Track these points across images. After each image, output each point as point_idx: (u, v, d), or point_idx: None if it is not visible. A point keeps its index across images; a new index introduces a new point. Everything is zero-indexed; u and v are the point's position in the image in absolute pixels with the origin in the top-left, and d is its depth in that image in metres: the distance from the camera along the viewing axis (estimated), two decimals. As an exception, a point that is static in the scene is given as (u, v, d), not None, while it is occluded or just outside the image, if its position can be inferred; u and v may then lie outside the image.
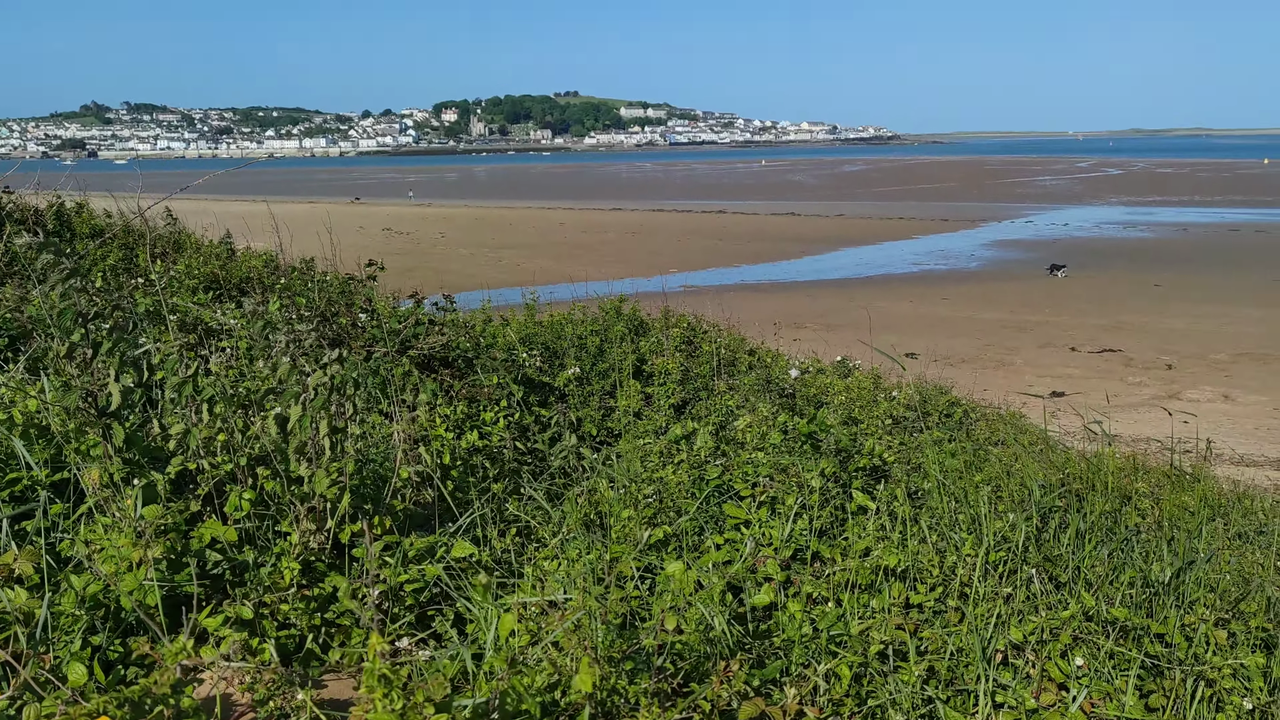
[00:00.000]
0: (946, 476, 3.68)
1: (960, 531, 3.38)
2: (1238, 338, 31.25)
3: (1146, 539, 3.57)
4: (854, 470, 3.95)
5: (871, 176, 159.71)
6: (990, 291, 42.28)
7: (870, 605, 3.06)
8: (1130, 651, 2.92)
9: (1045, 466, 4.94)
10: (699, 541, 3.54)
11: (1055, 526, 3.46)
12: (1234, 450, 19.89)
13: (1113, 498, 4.68)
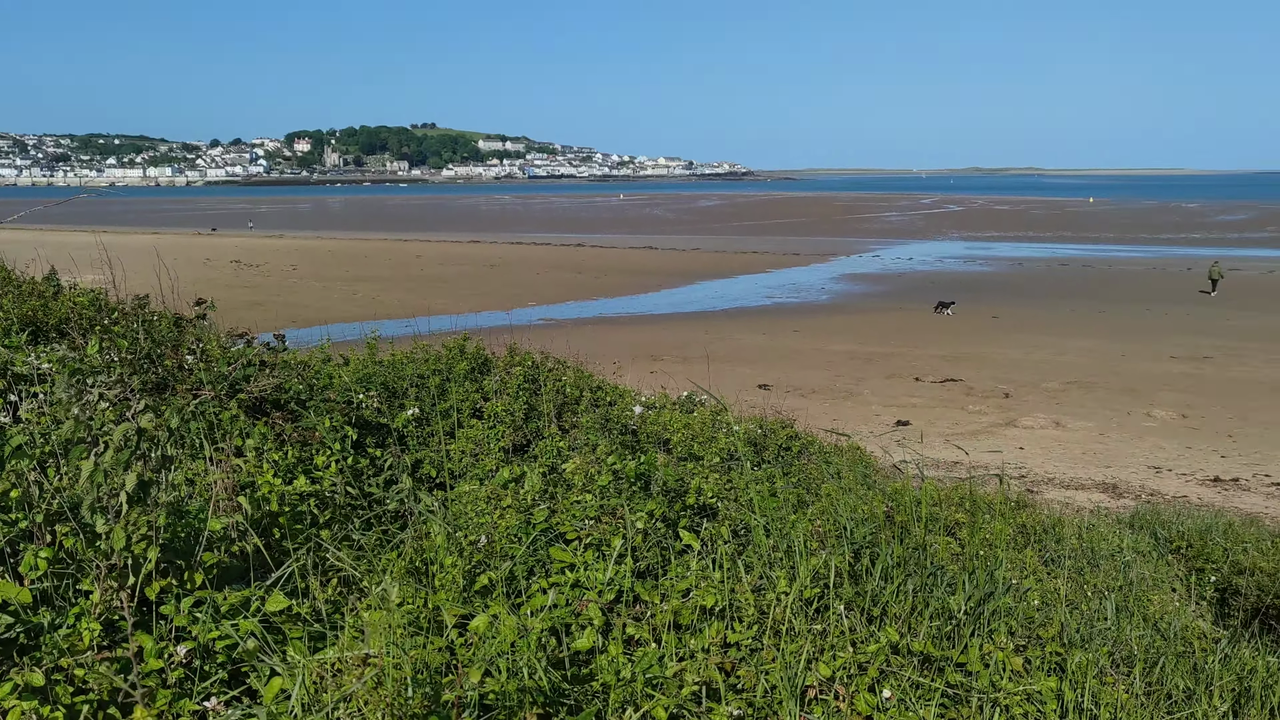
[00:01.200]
0: (768, 514, 3.76)
1: (778, 569, 3.46)
2: (1068, 367, 32.97)
3: (953, 570, 3.72)
4: (681, 509, 4.01)
5: (727, 211, 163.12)
6: (839, 324, 43.57)
7: (690, 645, 3.11)
8: (934, 682, 3.04)
9: (872, 499, 5.12)
10: (526, 586, 3.53)
11: (868, 561, 3.58)
12: (1064, 474, 20.93)
13: (936, 529, 4.86)
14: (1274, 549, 8.74)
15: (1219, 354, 35.25)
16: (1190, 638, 4.43)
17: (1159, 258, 77.24)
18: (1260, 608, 7.73)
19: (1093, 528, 7.95)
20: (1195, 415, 26.21)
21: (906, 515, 4.58)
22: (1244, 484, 20.11)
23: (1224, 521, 9.98)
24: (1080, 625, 3.76)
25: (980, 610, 3.41)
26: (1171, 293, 54.55)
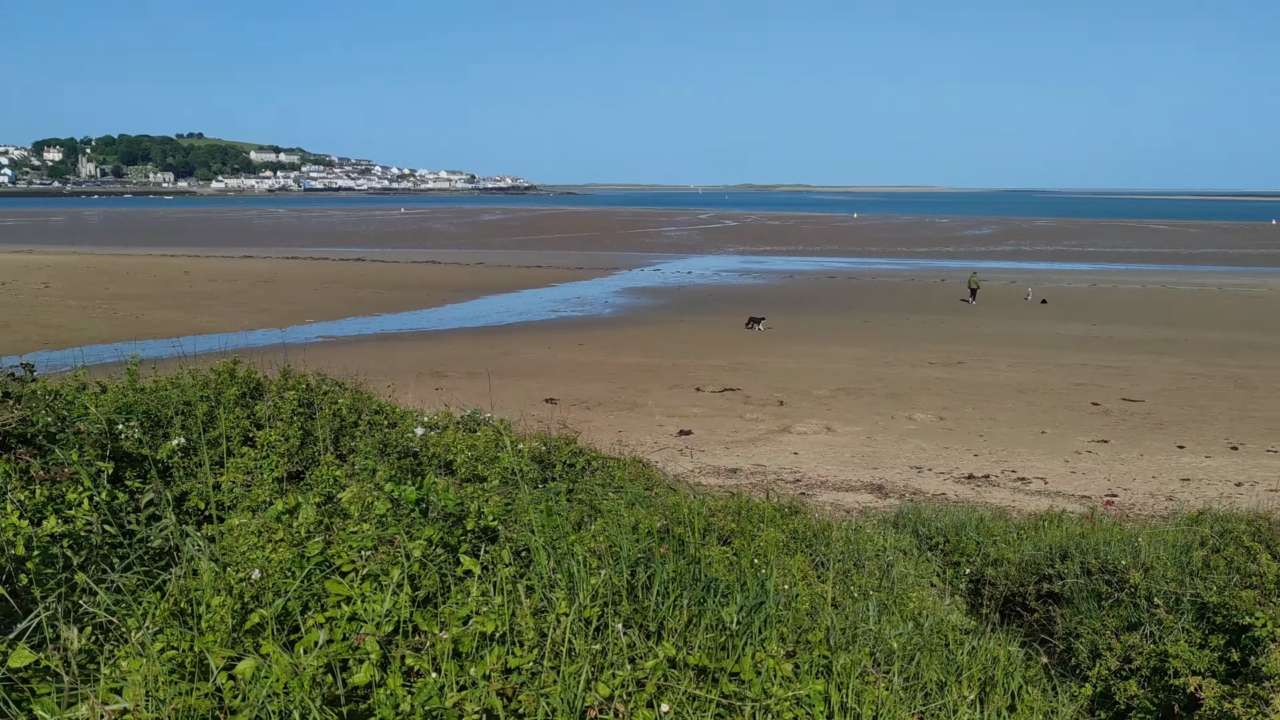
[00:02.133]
0: (548, 534, 3.79)
1: (558, 590, 3.50)
2: (837, 374, 34.68)
3: (728, 581, 3.87)
4: (462, 534, 3.99)
5: (511, 225, 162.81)
6: (623, 336, 44.25)
7: (470, 673, 3.09)
8: (709, 693, 3.16)
9: (652, 513, 5.24)
10: (301, 622, 3.41)
11: (645, 578, 3.67)
12: (835, 477, 21.99)
13: (711, 540, 5.03)
14: (1019, 541, 9.48)
15: (970, 359, 37.96)
16: (946, 631, 4.76)
17: (916, 270, 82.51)
18: (1009, 596, 8.38)
19: (859, 529, 8.42)
20: (951, 417, 28.09)
21: (684, 528, 4.72)
22: (994, 480, 21.71)
23: (976, 517, 10.76)
24: (846, 627, 3.98)
25: (752, 619, 3.56)
26: (928, 303, 58.37)
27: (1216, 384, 33.04)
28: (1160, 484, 21.44)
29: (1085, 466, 22.89)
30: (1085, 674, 5.95)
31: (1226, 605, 5.45)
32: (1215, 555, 6.62)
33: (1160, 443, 25.20)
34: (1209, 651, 5.27)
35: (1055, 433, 26.26)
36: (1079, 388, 32.38)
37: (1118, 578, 6.60)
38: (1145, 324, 48.64)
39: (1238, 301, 59.39)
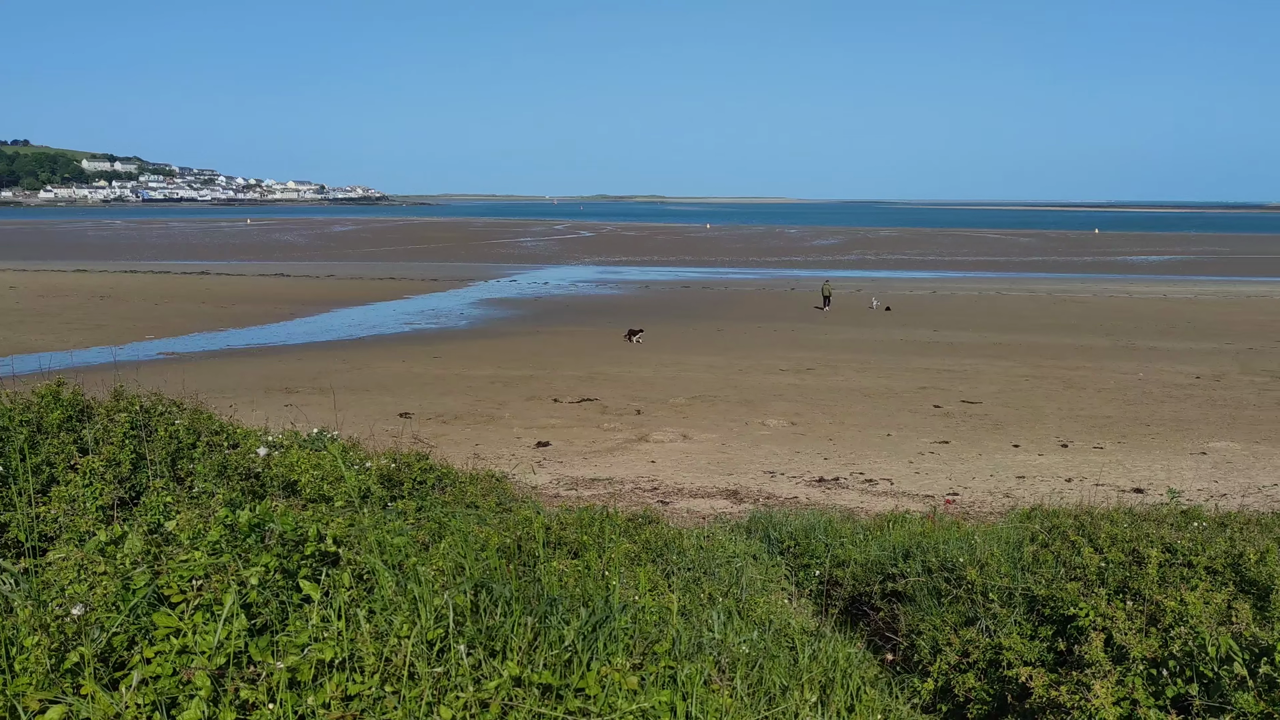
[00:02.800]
0: (392, 555, 3.71)
1: (400, 613, 3.43)
2: (693, 382, 35.14)
3: (577, 595, 3.87)
4: (302, 559, 3.86)
5: (363, 236, 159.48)
6: (479, 348, 43.86)
7: (309, 703, 2.99)
8: (554, 711, 3.14)
9: (502, 529, 5.20)
10: (126, 659, 3.25)
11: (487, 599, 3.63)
12: (692, 484, 22.25)
13: (562, 553, 5.03)
14: (865, 542, 9.78)
15: (820, 365, 39.01)
16: (792, 634, 4.86)
17: (768, 279, 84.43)
18: (855, 596, 8.62)
19: (711, 536, 8.55)
20: (802, 422, 28.78)
21: (534, 543, 4.69)
22: (843, 482, 22.33)
23: (825, 519, 11.04)
24: (692, 636, 4.03)
25: (597, 634, 3.56)
26: (780, 311, 59.80)
27: (1048, 385, 34.81)
28: (998, 482, 22.42)
29: (928, 467, 23.76)
30: (927, 669, 6.19)
31: (1054, 597, 5.75)
32: (1044, 550, 6.97)
33: (998, 442, 26.37)
34: (1039, 642, 5.55)
35: (900, 435, 27.19)
36: (922, 391, 33.62)
37: (956, 575, 6.89)
38: (982, 329, 50.91)
39: (1065, 306, 62.79)
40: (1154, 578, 5.74)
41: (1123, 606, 5.28)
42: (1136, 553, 6.32)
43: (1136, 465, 23.84)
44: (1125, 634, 4.86)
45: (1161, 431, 27.53)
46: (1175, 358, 41.10)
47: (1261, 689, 3.95)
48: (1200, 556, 6.11)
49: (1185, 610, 4.93)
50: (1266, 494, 20.97)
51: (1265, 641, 4.13)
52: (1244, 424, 28.40)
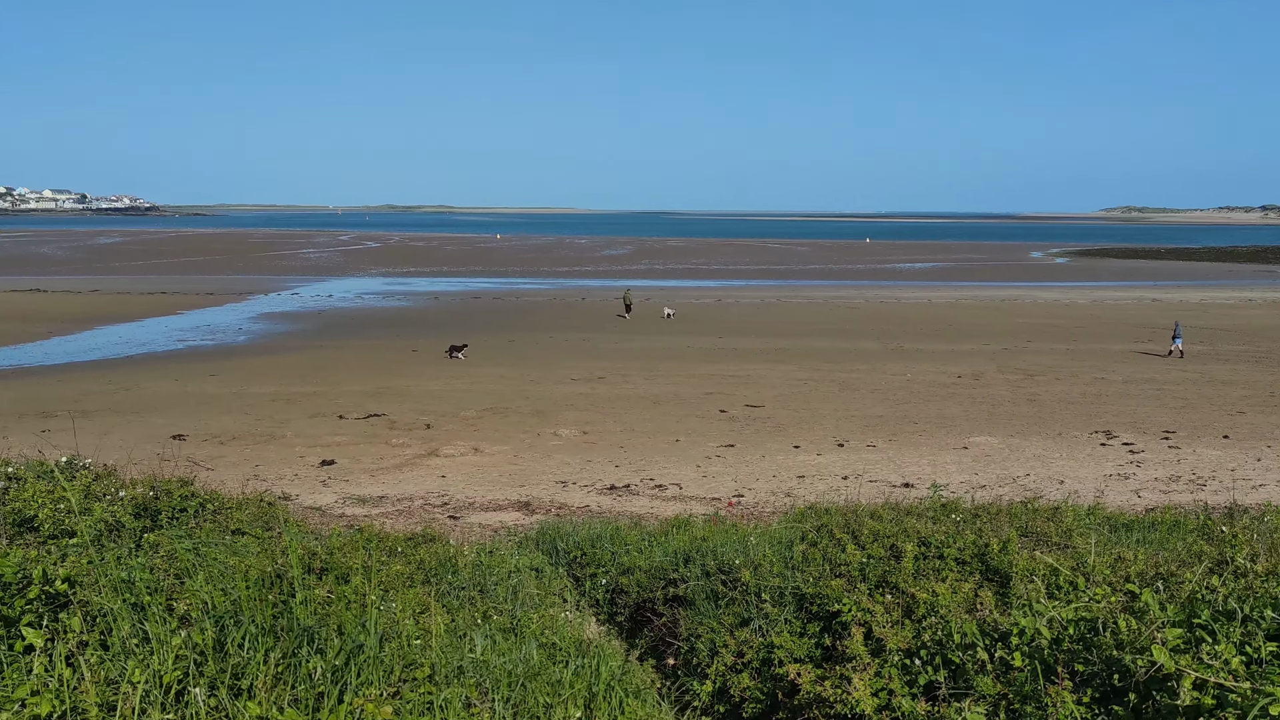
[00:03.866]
0: (131, 593, 3.45)
1: (133, 658, 3.20)
2: (484, 394, 34.80)
3: (337, 622, 3.72)
4: (25, 604, 3.54)
5: (131, 249, 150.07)
6: (260, 365, 42.00)
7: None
8: (300, 748, 3.01)
9: (263, 558, 4.94)
10: None
11: (236, 633, 3.43)
12: (484, 497, 22.01)
13: (328, 579, 4.83)
14: (650, 548, 9.90)
15: (610, 374, 39.43)
16: (564, 649, 4.85)
17: (558, 289, 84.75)
18: (640, 603, 8.72)
19: (493, 552, 8.45)
20: (594, 431, 29.00)
21: (299, 570, 4.48)
22: (634, 489, 22.62)
23: (613, 528, 11.12)
24: (455, 659, 3.94)
25: (352, 663, 3.42)
26: (571, 320, 60.13)
27: (825, 388, 36.41)
28: (780, 482, 23.25)
29: (715, 470, 24.39)
30: (705, 672, 6.31)
31: (820, 594, 5.99)
32: (813, 549, 7.26)
33: (780, 444, 27.36)
34: (807, 639, 5.76)
35: (688, 440, 27.80)
36: (708, 396, 34.51)
37: (732, 577, 7.07)
38: (764, 335, 52.77)
39: (840, 312, 65.93)
40: (910, 571, 6.07)
41: (882, 600, 5.55)
42: (895, 547, 6.67)
43: (906, 461, 25.23)
44: (883, 627, 5.12)
45: (928, 429, 29.26)
46: (939, 359, 43.82)
47: (999, 672, 4.24)
48: (951, 548, 6.50)
49: (936, 601, 5.23)
50: (1020, 484, 22.60)
51: (1004, 627, 4.43)
52: (1000, 419, 30.56)
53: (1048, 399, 34.08)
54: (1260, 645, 3.50)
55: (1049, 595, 4.79)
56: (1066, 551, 6.86)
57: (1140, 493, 21.78)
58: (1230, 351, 46.38)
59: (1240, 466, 24.40)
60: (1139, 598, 3.95)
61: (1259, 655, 3.48)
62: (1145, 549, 8.70)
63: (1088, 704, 3.80)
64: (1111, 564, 6.10)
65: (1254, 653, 3.50)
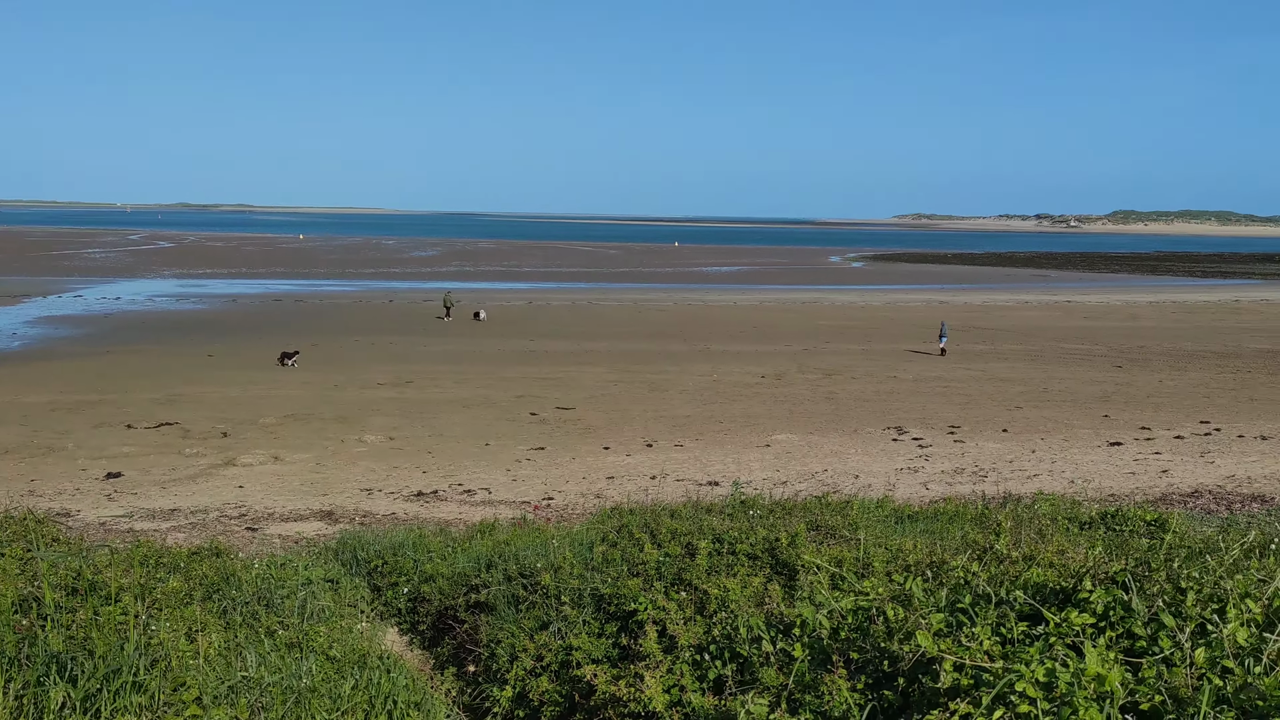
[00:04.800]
0: None
1: None
2: (285, 400, 33.57)
3: (92, 648, 3.49)
4: None
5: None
6: (37, 372, 39.20)
7: None
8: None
9: (21, 580, 4.58)
10: None
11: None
12: (284, 507, 21.22)
13: (94, 600, 4.54)
14: (454, 554, 9.78)
15: (419, 378, 38.74)
16: (354, 661, 4.72)
17: (365, 291, 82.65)
18: (442, 610, 8.59)
19: (285, 564, 8.14)
20: (401, 436, 28.43)
21: (60, 593, 4.19)
22: (442, 494, 22.30)
23: (416, 535, 10.92)
24: (228, 677, 3.77)
25: (106, 688, 3.22)
26: (378, 323, 58.74)
27: (634, 389, 36.87)
28: (590, 483, 23.39)
29: (525, 474, 24.32)
30: (506, 677, 6.28)
31: (618, 594, 6.06)
32: (613, 549, 7.34)
33: (590, 445, 27.53)
34: (605, 640, 5.82)
35: (498, 444, 27.61)
36: (519, 399, 34.38)
37: (532, 580, 7.07)
38: (576, 337, 53.00)
39: (650, 314, 66.93)
40: (704, 567, 6.23)
41: (676, 598, 5.67)
42: (691, 545, 6.82)
43: (711, 460, 25.84)
44: (676, 624, 5.22)
45: (733, 427, 30.06)
46: (744, 360, 45.10)
47: (782, 663, 4.39)
48: (744, 544, 6.71)
49: (727, 596, 5.38)
50: (819, 479, 23.51)
51: (790, 619, 4.59)
52: (800, 417, 31.71)
53: (845, 397, 35.59)
54: (1013, 626, 3.77)
55: (833, 587, 4.99)
56: (852, 544, 7.18)
57: (928, 485, 23.01)
58: (1009, 350, 49.63)
59: (1017, 458, 26.13)
60: (905, 586, 4.17)
61: (1012, 635, 3.74)
62: (926, 538, 9.20)
63: (862, 690, 3.99)
64: (893, 554, 6.43)
65: (1007, 633, 3.76)
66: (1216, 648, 3.44)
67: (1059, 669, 3.15)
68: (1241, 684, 3.15)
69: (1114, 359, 46.53)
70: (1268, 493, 22.17)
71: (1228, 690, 3.19)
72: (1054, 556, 4.71)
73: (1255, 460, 25.73)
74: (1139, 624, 3.66)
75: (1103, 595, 3.81)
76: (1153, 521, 11.04)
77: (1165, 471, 24.52)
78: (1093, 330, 59.06)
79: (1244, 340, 54.53)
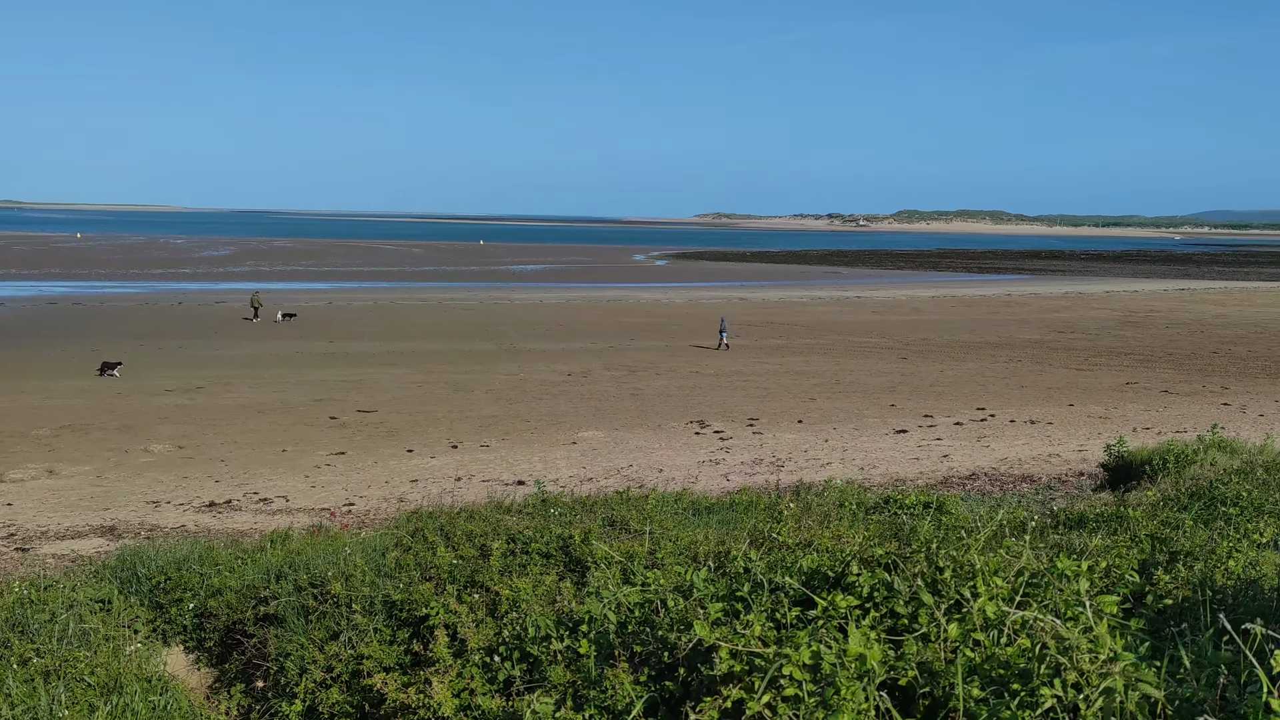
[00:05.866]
0: None
1: None
2: (62, 410, 31.41)
3: None
4: None
5: None
6: None
7: None
8: None
9: None
10: None
11: None
12: (60, 525, 19.87)
13: None
14: (244, 566, 9.37)
15: (210, 383, 36.95)
16: (109, 685, 4.45)
17: (151, 293, 78.11)
18: (230, 625, 8.23)
19: (50, 586, 7.59)
20: (191, 445, 27.08)
21: None
22: (236, 504, 21.38)
23: (203, 547, 10.40)
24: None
25: None
26: (166, 326, 55.64)
27: (440, 390, 36.34)
28: (393, 488, 22.93)
29: (325, 480, 23.61)
30: (294, 691, 6.07)
31: (410, 600, 5.96)
32: (406, 554, 7.21)
33: (393, 449, 26.97)
34: (397, 647, 5.72)
35: (296, 450, 26.70)
36: (319, 403, 33.32)
37: (323, 590, 6.86)
38: (378, 338, 51.73)
39: (455, 314, 66.05)
40: (497, 568, 6.20)
41: (469, 600, 5.63)
42: (485, 546, 6.79)
43: (518, 459, 25.78)
44: (467, 627, 5.19)
45: (540, 426, 30.07)
46: (551, 358, 45.15)
47: (569, 660, 4.43)
48: (538, 543, 6.73)
49: (518, 596, 5.38)
50: (624, 474, 23.81)
51: (579, 615, 4.64)
52: (607, 414, 32.02)
53: (649, 393, 36.16)
54: (786, 611, 3.93)
55: (625, 581, 5.06)
56: (646, 538, 7.31)
57: (729, 476, 23.67)
58: (804, 344, 51.58)
59: (812, 447, 27.22)
60: (686, 577, 4.28)
61: (785, 620, 3.90)
62: (721, 529, 9.47)
63: (645, 682, 4.07)
64: (684, 546, 6.59)
65: (782, 618, 3.92)
66: (969, 622, 3.69)
67: (824, 651, 3.31)
68: (988, 655, 3.39)
69: (900, 351, 49.06)
70: (1036, 473, 23.91)
71: (978, 661, 3.42)
72: (830, 542, 4.93)
73: (1024, 443, 27.70)
74: (901, 603, 3.89)
75: (868, 577, 4.03)
76: (930, 504, 11.70)
77: (946, 456, 26.07)
78: (880, 324, 62.10)
79: (1015, 331, 58.53)
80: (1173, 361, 45.88)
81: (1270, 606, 4.78)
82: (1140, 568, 6.18)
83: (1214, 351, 49.63)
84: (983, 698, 3.20)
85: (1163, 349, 50.55)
